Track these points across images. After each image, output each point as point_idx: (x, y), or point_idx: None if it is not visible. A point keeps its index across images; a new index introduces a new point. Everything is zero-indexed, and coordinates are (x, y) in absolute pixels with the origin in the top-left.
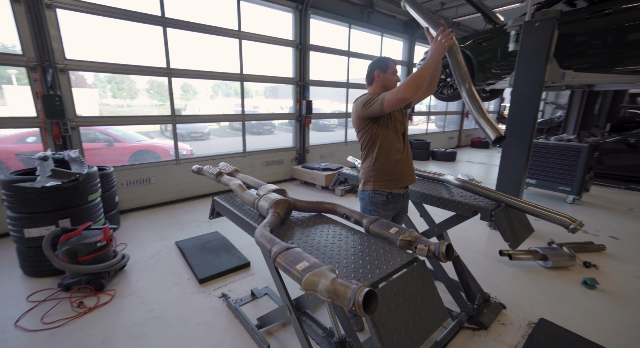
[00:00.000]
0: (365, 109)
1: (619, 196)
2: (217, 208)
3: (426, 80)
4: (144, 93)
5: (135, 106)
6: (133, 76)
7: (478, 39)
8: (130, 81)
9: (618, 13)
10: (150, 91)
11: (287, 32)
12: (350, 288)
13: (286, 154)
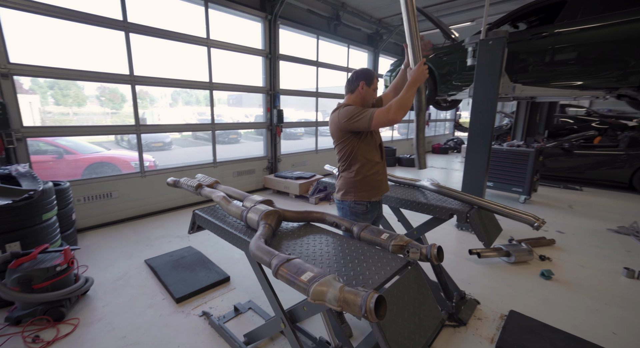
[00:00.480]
0: (350, 122)
1: (560, 195)
2: (199, 221)
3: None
4: (94, 100)
5: (83, 114)
6: (81, 82)
7: (439, 53)
8: (77, 86)
9: (552, 36)
10: (101, 97)
11: (256, 41)
12: (359, 295)
13: (258, 164)
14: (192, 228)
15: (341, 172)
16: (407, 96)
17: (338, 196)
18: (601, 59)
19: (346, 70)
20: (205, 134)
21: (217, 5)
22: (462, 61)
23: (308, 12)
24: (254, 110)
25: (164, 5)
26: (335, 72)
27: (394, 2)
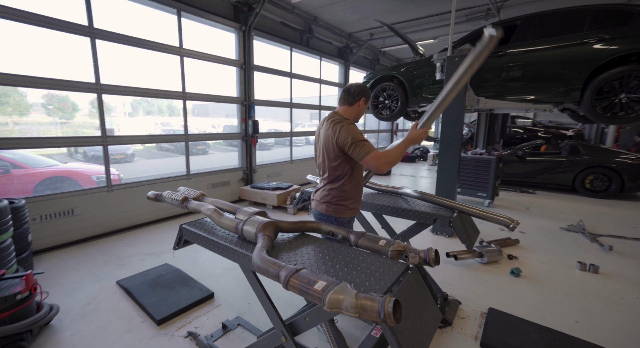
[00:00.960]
0: (347, 148)
1: (517, 198)
2: (187, 236)
3: (393, 160)
4: (39, 109)
5: (25, 124)
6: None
7: (409, 68)
8: (18, 94)
9: (507, 55)
10: (48, 106)
11: (231, 51)
12: (376, 301)
13: (233, 175)
14: (178, 243)
15: (327, 183)
16: (399, 153)
17: (321, 208)
18: (548, 76)
19: (319, 82)
20: (172, 146)
21: (190, 14)
22: (431, 75)
23: (282, 25)
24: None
25: (135, 13)
26: (308, 84)
27: (363, 18)
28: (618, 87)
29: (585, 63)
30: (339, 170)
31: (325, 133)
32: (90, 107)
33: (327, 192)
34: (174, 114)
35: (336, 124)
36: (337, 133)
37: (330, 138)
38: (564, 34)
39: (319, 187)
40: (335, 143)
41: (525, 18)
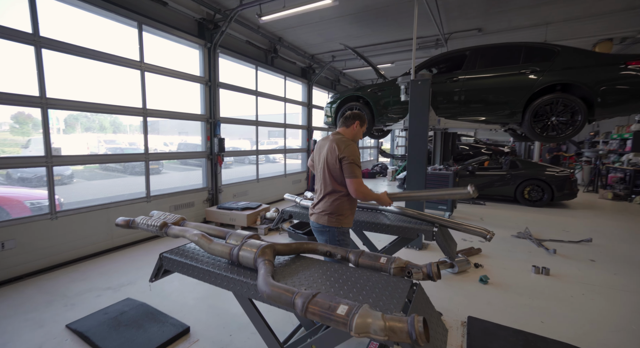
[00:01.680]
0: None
1: (471, 210)
2: (169, 266)
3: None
4: None
5: None
6: None
7: (374, 89)
8: None
9: (460, 81)
10: None
11: (195, 68)
12: (403, 321)
13: (197, 196)
14: (156, 274)
15: (328, 195)
16: (372, 197)
17: (323, 220)
18: (494, 100)
19: (284, 100)
20: (119, 165)
21: (153, 29)
22: (395, 96)
23: (247, 44)
24: (173, 138)
25: (94, 25)
26: (275, 102)
27: (326, 41)
28: (549, 111)
29: (523, 90)
30: (341, 181)
31: (329, 147)
32: (12, 122)
33: (330, 203)
34: (119, 131)
35: (341, 142)
36: (342, 149)
37: (335, 152)
38: (505, 65)
39: (318, 200)
40: (338, 157)
41: (473, 49)
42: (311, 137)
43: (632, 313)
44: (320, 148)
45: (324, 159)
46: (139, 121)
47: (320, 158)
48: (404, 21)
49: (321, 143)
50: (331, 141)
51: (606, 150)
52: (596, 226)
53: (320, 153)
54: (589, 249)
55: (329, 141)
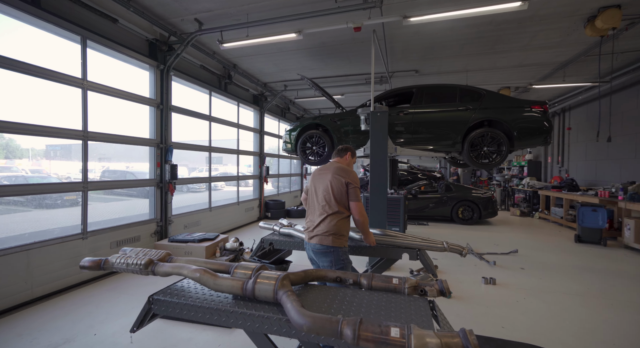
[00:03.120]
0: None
1: (417, 230)
2: (162, 310)
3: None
4: None
5: None
6: None
7: (333, 118)
8: None
9: (411, 114)
10: None
11: (145, 90)
12: (456, 336)
13: (143, 229)
14: (141, 322)
15: (330, 216)
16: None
17: (328, 241)
18: (440, 132)
19: (237, 126)
20: (22, 198)
21: (99, 45)
22: (355, 125)
23: (201, 68)
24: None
25: (28, 37)
26: (228, 128)
27: (281, 71)
28: (481, 143)
29: (462, 124)
30: (345, 201)
31: (334, 173)
32: None
33: (334, 224)
34: (13, 157)
35: (346, 170)
36: (348, 175)
37: (341, 177)
38: (445, 102)
39: (318, 222)
40: (345, 182)
41: (418, 87)
42: (263, 163)
43: (562, 311)
44: (320, 176)
45: (328, 184)
46: (43, 145)
47: (321, 184)
48: (354, 59)
49: (320, 171)
50: (335, 169)
51: (509, 175)
52: (515, 238)
53: (320, 179)
54: (517, 259)
55: (331, 168)
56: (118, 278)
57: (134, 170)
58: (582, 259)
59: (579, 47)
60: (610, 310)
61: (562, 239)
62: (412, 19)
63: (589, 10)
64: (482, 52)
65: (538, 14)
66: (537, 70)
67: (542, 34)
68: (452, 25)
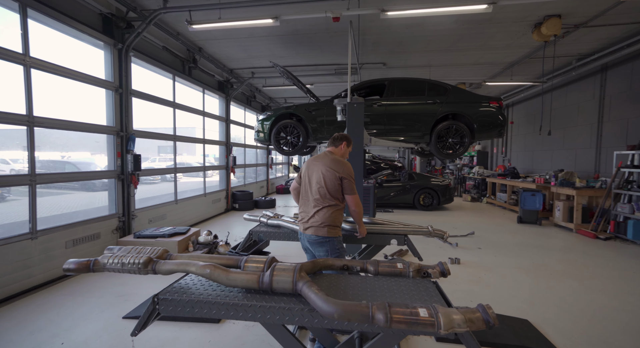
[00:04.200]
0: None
1: (385, 216)
2: (171, 310)
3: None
4: None
5: None
6: None
7: (308, 108)
8: None
9: (384, 106)
10: None
11: (101, 71)
12: (476, 311)
13: (104, 225)
14: (145, 324)
15: (325, 207)
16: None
17: (323, 232)
18: (409, 124)
19: (202, 114)
20: None
21: (43, 16)
22: (330, 116)
23: (164, 50)
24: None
25: None
26: (193, 116)
27: (249, 57)
28: (446, 134)
29: (430, 117)
30: (339, 194)
31: (326, 165)
32: None
33: (329, 215)
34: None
35: (339, 162)
36: (342, 168)
37: (334, 170)
38: (414, 96)
39: (312, 214)
40: (338, 176)
41: (390, 80)
42: (230, 153)
43: (515, 282)
44: (313, 166)
45: (321, 178)
46: None
47: (314, 175)
48: (326, 49)
49: (313, 161)
50: (329, 161)
51: (461, 164)
52: (469, 222)
53: (313, 170)
54: (474, 240)
55: (325, 159)
56: (74, 281)
57: (75, 160)
58: (524, 237)
59: (525, 49)
60: (550, 279)
61: (507, 221)
62: (389, 13)
63: (536, 17)
64: (445, 49)
65: (495, 17)
66: (489, 68)
67: (497, 36)
68: (422, 21)
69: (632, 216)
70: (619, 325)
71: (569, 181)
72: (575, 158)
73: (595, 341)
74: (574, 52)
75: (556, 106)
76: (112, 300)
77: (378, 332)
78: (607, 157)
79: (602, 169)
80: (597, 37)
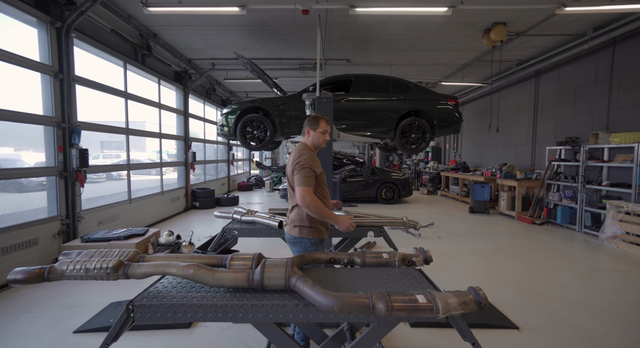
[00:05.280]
0: (296, 175)
1: (349, 210)
2: (148, 317)
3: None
4: None
5: None
6: None
7: (276, 102)
8: None
9: (351, 101)
10: None
11: (35, 52)
12: (468, 294)
13: (42, 229)
14: (117, 335)
15: (295, 206)
16: (320, 214)
17: (295, 232)
18: (375, 119)
19: (158, 106)
20: None
21: None
22: (298, 110)
23: (113, 34)
24: None
25: None
26: (147, 108)
27: (210, 47)
28: (410, 130)
29: (395, 113)
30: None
31: (290, 158)
32: None
33: (296, 213)
34: None
35: (297, 151)
36: (296, 158)
37: (290, 160)
38: (380, 92)
39: (290, 210)
40: (291, 165)
41: (356, 76)
42: (189, 148)
43: (473, 266)
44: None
45: (288, 171)
46: None
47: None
48: (291, 42)
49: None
50: (293, 152)
51: (417, 159)
52: (427, 213)
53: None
54: (434, 230)
55: (292, 152)
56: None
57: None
58: (476, 225)
59: (475, 53)
60: (502, 262)
61: (460, 211)
62: (358, 9)
63: (486, 23)
64: (405, 48)
65: (452, 21)
66: (444, 69)
67: (452, 38)
68: (386, 20)
69: (560, 203)
70: (559, 297)
71: (511, 173)
72: (515, 152)
73: (543, 313)
74: (514, 58)
75: (501, 105)
76: (57, 313)
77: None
78: (541, 152)
79: (537, 162)
80: (533, 45)
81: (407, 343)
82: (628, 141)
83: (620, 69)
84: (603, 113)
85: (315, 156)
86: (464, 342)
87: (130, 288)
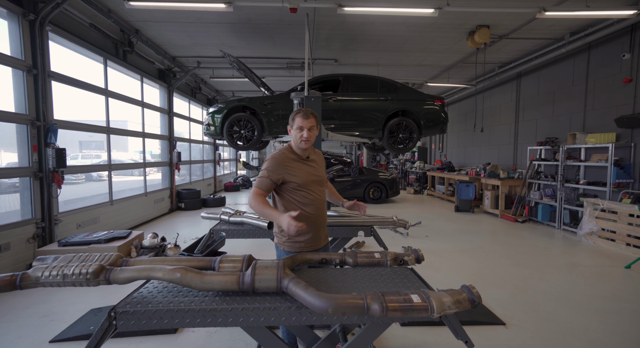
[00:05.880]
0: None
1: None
2: (132, 324)
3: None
4: None
5: None
6: None
7: (263, 101)
8: None
9: (339, 101)
10: None
11: (5, 45)
12: (462, 292)
13: (14, 233)
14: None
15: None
16: (262, 211)
17: (276, 241)
18: (363, 119)
19: (141, 105)
20: None
21: None
22: (285, 110)
23: (92, 28)
24: None
25: None
26: (129, 106)
27: (195, 45)
28: (397, 130)
29: (383, 113)
30: (277, 195)
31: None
32: None
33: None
34: None
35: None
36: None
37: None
38: (368, 92)
39: None
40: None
41: (344, 76)
42: (174, 148)
43: (459, 264)
44: None
45: None
46: None
47: None
48: (279, 41)
49: None
50: None
51: (404, 159)
52: (415, 212)
53: None
54: (421, 229)
55: None
56: None
57: None
58: (461, 224)
59: (460, 55)
60: (487, 259)
61: (446, 210)
62: (346, 8)
63: (470, 26)
64: (393, 49)
65: (438, 23)
66: (430, 70)
67: (438, 40)
68: (374, 20)
69: (541, 202)
70: (542, 293)
71: (494, 173)
72: (498, 152)
73: (527, 309)
74: (497, 60)
75: (485, 106)
76: (32, 321)
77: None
78: (522, 152)
79: (519, 162)
80: (515, 48)
81: (398, 343)
82: (603, 141)
83: (595, 72)
84: (580, 114)
85: (283, 161)
86: (453, 340)
87: (112, 294)
